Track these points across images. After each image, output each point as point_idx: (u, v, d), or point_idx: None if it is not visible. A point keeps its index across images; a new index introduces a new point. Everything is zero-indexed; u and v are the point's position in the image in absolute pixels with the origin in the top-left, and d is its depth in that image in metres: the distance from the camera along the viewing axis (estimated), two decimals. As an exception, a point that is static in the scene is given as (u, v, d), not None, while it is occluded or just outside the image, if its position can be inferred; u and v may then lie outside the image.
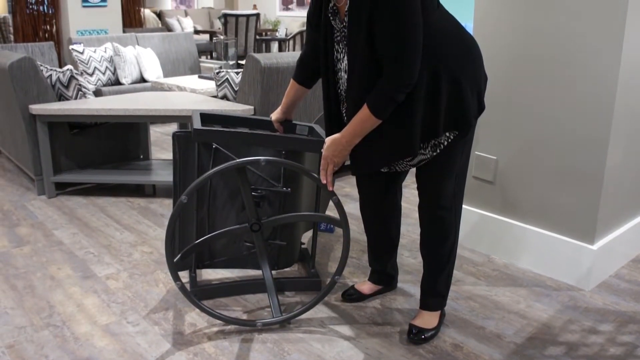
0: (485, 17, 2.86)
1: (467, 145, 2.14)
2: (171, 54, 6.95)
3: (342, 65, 2.09)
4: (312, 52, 2.35)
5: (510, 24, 2.75)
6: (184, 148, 2.47)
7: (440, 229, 2.22)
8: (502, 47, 2.81)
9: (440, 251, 2.25)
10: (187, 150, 2.47)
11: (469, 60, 2.01)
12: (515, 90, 2.79)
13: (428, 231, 2.26)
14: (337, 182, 4.25)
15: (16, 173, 4.49)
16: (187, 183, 2.50)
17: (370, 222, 2.47)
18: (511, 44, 2.78)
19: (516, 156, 2.86)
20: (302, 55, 2.41)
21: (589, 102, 2.56)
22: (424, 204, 2.23)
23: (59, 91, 4.02)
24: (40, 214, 3.62)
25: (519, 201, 2.90)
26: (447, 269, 2.29)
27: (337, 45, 2.10)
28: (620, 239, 2.85)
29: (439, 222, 2.21)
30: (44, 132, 3.76)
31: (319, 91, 3.93)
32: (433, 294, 2.32)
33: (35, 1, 8.01)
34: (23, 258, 3.00)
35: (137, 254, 3.03)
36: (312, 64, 2.37)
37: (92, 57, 5.98)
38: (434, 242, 2.25)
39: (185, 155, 2.47)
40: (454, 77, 1.96)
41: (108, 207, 3.74)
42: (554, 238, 2.78)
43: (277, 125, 2.55)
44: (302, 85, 2.45)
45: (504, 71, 2.82)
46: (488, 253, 3.05)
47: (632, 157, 2.79)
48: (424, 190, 2.21)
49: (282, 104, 2.53)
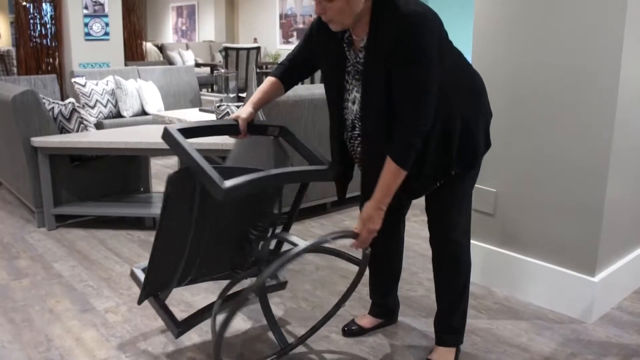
0: (483, 51, 2.89)
1: (473, 181, 2.18)
2: (172, 87, 7.01)
3: (350, 96, 2.09)
4: (301, 63, 2.28)
5: (509, 57, 2.79)
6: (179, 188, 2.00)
7: (452, 263, 2.23)
8: (501, 80, 2.84)
9: (455, 286, 2.26)
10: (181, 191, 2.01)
11: (478, 100, 2.07)
12: (514, 123, 2.81)
13: (440, 268, 2.27)
14: (337, 215, 4.25)
15: (16, 205, 4.49)
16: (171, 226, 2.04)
17: (373, 253, 2.46)
18: (509, 77, 2.80)
19: (516, 188, 2.86)
20: (292, 61, 2.30)
21: (588, 134, 2.57)
22: (435, 239, 2.25)
23: (60, 124, 4.05)
24: (40, 247, 3.61)
25: (519, 233, 2.89)
26: (462, 303, 2.28)
27: (347, 75, 2.09)
28: (621, 270, 2.84)
29: (451, 255, 2.22)
30: (45, 164, 3.78)
31: (320, 125, 3.95)
32: (449, 330, 2.31)
33: (39, 34, 8.10)
34: (22, 291, 2.98)
35: (136, 288, 3.02)
36: (298, 71, 2.29)
37: (94, 89, 6.03)
38: (447, 278, 2.26)
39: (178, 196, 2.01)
40: (464, 119, 2.01)
41: (108, 240, 3.73)
42: (555, 270, 2.77)
43: (243, 126, 2.19)
44: (282, 84, 2.29)
45: (502, 104, 2.84)
46: (489, 286, 3.04)
47: (631, 189, 2.80)
48: (435, 226, 2.23)
49: (254, 101, 2.24)
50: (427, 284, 3.07)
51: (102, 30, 8.12)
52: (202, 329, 2.59)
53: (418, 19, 1.83)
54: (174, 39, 16.81)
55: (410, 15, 1.84)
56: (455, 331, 2.31)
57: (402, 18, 1.84)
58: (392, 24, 1.86)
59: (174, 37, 16.90)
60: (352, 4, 1.87)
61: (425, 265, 3.30)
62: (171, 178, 1.87)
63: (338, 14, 1.89)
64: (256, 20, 14.26)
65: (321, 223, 4.07)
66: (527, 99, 2.74)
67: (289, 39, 13.28)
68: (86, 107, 5.94)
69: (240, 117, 2.17)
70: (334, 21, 1.93)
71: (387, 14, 1.88)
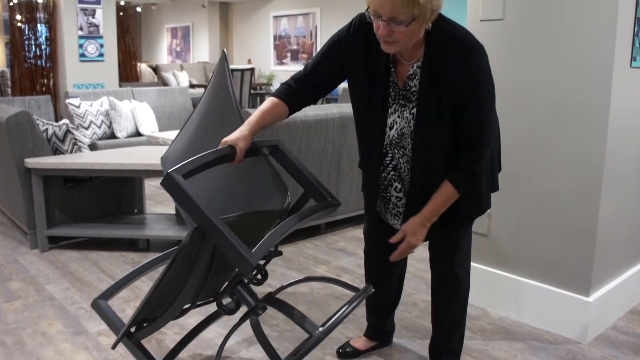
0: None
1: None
2: (166, 108, 7.02)
3: (389, 121, 2.03)
4: (313, 84, 2.11)
5: (502, 80, 2.81)
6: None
7: (454, 287, 2.22)
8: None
9: (454, 310, 2.25)
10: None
11: (498, 135, 2.16)
12: (508, 144, 2.83)
13: (441, 291, 2.26)
14: (331, 236, 4.24)
15: (9, 226, 4.46)
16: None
17: (375, 274, 2.43)
18: (502, 99, 2.82)
19: (509, 209, 2.87)
20: (300, 81, 2.11)
21: (580, 155, 2.59)
22: (439, 263, 2.23)
23: (54, 145, 4.04)
24: (33, 269, 3.59)
25: (513, 254, 2.89)
26: (461, 327, 2.28)
27: (390, 100, 2.02)
28: (616, 290, 2.84)
29: (454, 279, 2.21)
30: (38, 185, 3.77)
31: (314, 146, 3.96)
32: (447, 352, 2.31)
33: (34, 55, 8.14)
34: (13, 313, 2.96)
35: (129, 310, 3.00)
36: (306, 94, 2.13)
37: (88, 110, 6.04)
38: (447, 301, 2.25)
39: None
40: (491, 155, 2.10)
41: (101, 262, 3.71)
42: (550, 291, 2.76)
43: (241, 156, 1.93)
44: (287, 106, 2.09)
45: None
46: (483, 307, 3.03)
47: (625, 209, 2.81)
48: (439, 248, 2.22)
49: (253, 123, 1.98)
50: (422, 305, 3.06)
51: (97, 51, 8.15)
52: (194, 350, 2.57)
53: (480, 48, 1.87)
54: (168, 60, 16.87)
55: (473, 44, 1.86)
56: (453, 353, 2.30)
57: (466, 46, 1.85)
58: (454, 50, 1.86)
59: (168, 58, 16.96)
60: (422, 28, 1.82)
61: (419, 286, 3.29)
62: (187, 242, 1.67)
63: (407, 37, 1.81)
64: (250, 42, 14.35)
65: (315, 244, 4.06)
66: (519, 121, 2.76)
67: (283, 60, 13.35)
68: (80, 128, 5.95)
69: (239, 146, 1.91)
70: (398, 44, 1.82)
71: (444, 40, 1.86)
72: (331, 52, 2.07)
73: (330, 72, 2.09)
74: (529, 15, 2.67)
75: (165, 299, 1.88)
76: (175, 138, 2.28)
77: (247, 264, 1.60)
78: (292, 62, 13.12)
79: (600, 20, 2.45)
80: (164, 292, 1.83)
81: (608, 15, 2.43)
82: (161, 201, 5.30)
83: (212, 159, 1.85)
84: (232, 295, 2.05)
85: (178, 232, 3.84)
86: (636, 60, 2.59)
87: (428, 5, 1.73)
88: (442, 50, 1.87)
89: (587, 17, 2.49)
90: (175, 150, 2.25)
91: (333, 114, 4.03)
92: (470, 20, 2.90)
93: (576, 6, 2.52)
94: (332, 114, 4.03)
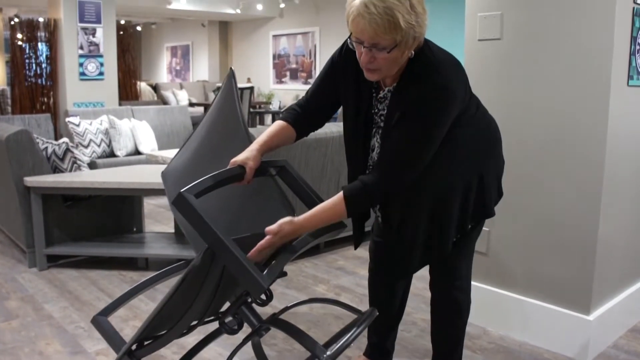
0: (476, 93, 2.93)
1: (480, 230, 2.18)
2: (166, 127, 7.04)
3: (370, 144, 2.04)
4: (315, 110, 2.13)
5: (499, 100, 2.82)
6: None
7: (454, 309, 2.22)
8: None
9: (454, 330, 2.24)
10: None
11: (495, 150, 2.09)
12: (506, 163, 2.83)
13: (441, 312, 2.25)
14: (330, 255, 4.23)
15: (7, 245, 4.46)
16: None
17: (379, 292, 2.41)
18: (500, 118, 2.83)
19: (508, 227, 2.87)
20: (304, 107, 2.12)
21: (578, 174, 2.59)
22: (438, 283, 2.22)
23: (54, 163, 4.05)
24: (31, 287, 3.57)
25: (512, 272, 2.89)
26: (459, 347, 2.27)
27: (373, 124, 2.03)
28: (616, 308, 2.83)
29: (454, 302, 2.20)
30: (37, 204, 3.77)
31: (313, 165, 3.97)
32: None
33: (34, 74, 8.17)
34: (11, 333, 2.94)
35: (128, 329, 2.98)
36: (312, 119, 2.14)
37: (87, 129, 6.05)
38: (447, 322, 2.24)
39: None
40: (480, 174, 2.01)
41: (100, 281, 3.70)
42: (550, 309, 2.76)
43: (250, 175, 1.92)
44: (295, 131, 2.10)
45: (494, 143, 2.86)
46: (484, 325, 3.02)
47: (624, 226, 2.81)
48: (439, 268, 2.20)
49: (262, 143, 1.99)
50: (422, 324, 3.05)
51: (97, 70, 8.19)
52: (194, 371, 2.55)
53: (448, 88, 1.82)
54: (168, 78, 16.96)
55: (444, 82, 1.81)
56: None
57: (433, 82, 1.82)
58: (424, 83, 1.83)
59: (168, 76, 17.05)
60: (404, 55, 1.81)
61: (419, 305, 3.28)
62: (199, 262, 1.65)
63: (389, 63, 1.80)
64: (250, 60, 14.43)
65: (314, 263, 4.05)
66: (518, 140, 2.77)
67: (282, 78, 13.41)
68: (80, 147, 5.96)
69: (249, 166, 1.90)
70: (380, 71, 1.83)
71: (422, 69, 1.85)
72: (327, 76, 2.09)
73: (329, 97, 2.10)
74: (527, 34, 2.70)
75: (171, 317, 1.88)
76: (178, 153, 2.28)
77: (259, 287, 1.58)
78: (291, 81, 13.18)
79: (597, 40, 2.48)
80: (171, 309, 1.82)
81: (605, 35, 2.45)
82: (160, 219, 5.29)
83: (223, 178, 1.84)
84: (235, 315, 2.04)
85: (177, 250, 3.84)
86: (633, 79, 2.61)
87: (410, 32, 1.73)
88: (414, 79, 1.85)
89: (583, 36, 2.51)
90: (177, 166, 2.25)
91: (332, 132, 4.05)
92: (468, 40, 2.92)
93: (573, 26, 2.54)
94: (332, 133, 4.04)
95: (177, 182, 2.05)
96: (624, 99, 2.58)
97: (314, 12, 12.38)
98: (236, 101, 2.19)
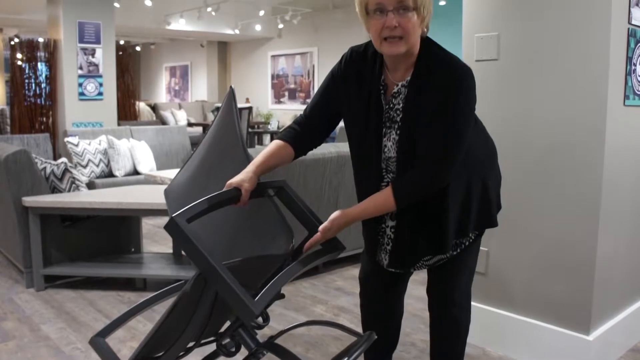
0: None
1: (479, 246, 2.17)
2: (165, 147, 7.05)
3: (382, 145, 1.99)
4: (316, 126, 2.09)
5: (497, 119, 2.83)
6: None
7: (454, 329, 2.20)
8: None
9: (454, 350, 2.23)
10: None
11: (492, 164, 2.12)
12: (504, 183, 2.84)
13: (440, 332, 2.23)
14: (328, 276, 4.22)
15: (5, 265, 4.44)
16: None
17: (371, 318, 2.37)
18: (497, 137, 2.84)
19: (507, 248, 2.87)
20: (303, 125, 2.09)
21: (576, 193, 2.60)
22: (437, 303, 2.21)
23: (52, 183, 4.05)
24: (28, 308, 3.55)
25: (511, 292, 2.88)
26: None
27: (383, 124, 1.99)
28: (616, 328, 2.82)
29: (454, 321, 2.19)
30: (35, 224, 3.76)
31: (311, 186, 3.98)
32: None
33: (34, 93, 8.20)
34: (7, 354, 2.92)
35: (125, 350, 2.96)
36: (312, 137, 2.10)
37: (86, 149, 6.06)
38: (447, 343, 2.22)
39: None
40: (483, 182, 2.03)
41: (97, 301, 3.68)
42: (549, 329, 2.74)
43: (246, 197, 1.89)
44: (293, 150, 2.06)
45: (492, 163, 2.87)
46: (483, 346, 3.00)
47: (623, 245, 2.81)
48: (437, 288, 2.19)
49: (258, 164, 1.96)
50: (420, 344, 3.03)
51: (96, 90, 8.22)
52: (192, 393, 2.53)
53: (469, 73, 1.86)
54: (166, 98, 17.03)
55: (463, 67, 1.86)
56: None
57: (457, 68, 1.85)
58: (443, 70, 1.84)
59: (166, 96, 17.12)
60: (419, 28, 1.83)
61: (418, 326, 3.27)
62: (189, 288, 1.66)
63: (412, 29, 1.80)
64: (248, 81, 14.51)
65: (313, 284, 4.04)
66: (516, 159, 2.78)
67: (281, 98, 13.47)
68: (78, 167, 5.96)
69: (244, 188, 1.86)
70: (403, 40, 1.81)
71: (433, 61, 1.86)
72: (328, 88, 2.07)
73: (329, 109, 2.08)
74: (523, 55, 2.72)
75: (167, 339, 1.87)
76: (181, 169, 2.28)
77: (249, 313, 1.57)
78: (289, 101, 13.24)
79: (593, 60, 2.50)
80: (166, 332, 1.81)
81: (600, 55, 2.47)
82: (158, 240, 5.28)
83: (217, 201, 1.82)
84: (233, 337, 2.02)
85: (175, 271, 3.82)
86: (629, 99, 2.63)
87: (426, 2, 1.81)
88: (430, 70, 1.87)
89: (580, 57, 2.53)
90: (180, 183, 2.23)
91: (330, 153, 4.06)
92: (465, 60, 2.94)
93: (569, 46, 2.56)
94: (330, 153, 4.05)
95: (176, 200, 2.05)
96: (620, 119, 2.60)
97: (312, 32, 12.48)
98: (236, 120, 2.19)
